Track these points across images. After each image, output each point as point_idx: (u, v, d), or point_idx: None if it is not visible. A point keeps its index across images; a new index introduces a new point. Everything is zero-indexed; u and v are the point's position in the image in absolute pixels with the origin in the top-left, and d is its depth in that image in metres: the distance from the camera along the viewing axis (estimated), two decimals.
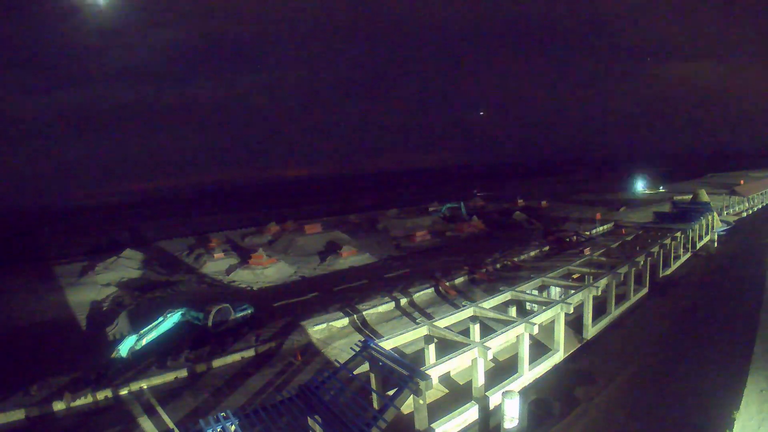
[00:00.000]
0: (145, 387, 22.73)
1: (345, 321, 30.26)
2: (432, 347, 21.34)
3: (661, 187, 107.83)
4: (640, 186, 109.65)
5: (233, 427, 14.18)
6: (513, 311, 26.13)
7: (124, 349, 24.56)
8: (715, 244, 49.66)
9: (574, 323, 26.94)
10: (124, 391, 22.22)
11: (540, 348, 24.24)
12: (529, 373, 21.42)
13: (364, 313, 31.46)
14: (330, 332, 28.75)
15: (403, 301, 34.04)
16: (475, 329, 23.33)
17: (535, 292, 27.71)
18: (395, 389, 16.04)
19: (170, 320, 27.05)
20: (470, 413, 18.43)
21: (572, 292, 25.33)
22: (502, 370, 22.52)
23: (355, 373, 18.13)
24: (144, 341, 25.45)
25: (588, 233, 57.96)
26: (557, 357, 23.56)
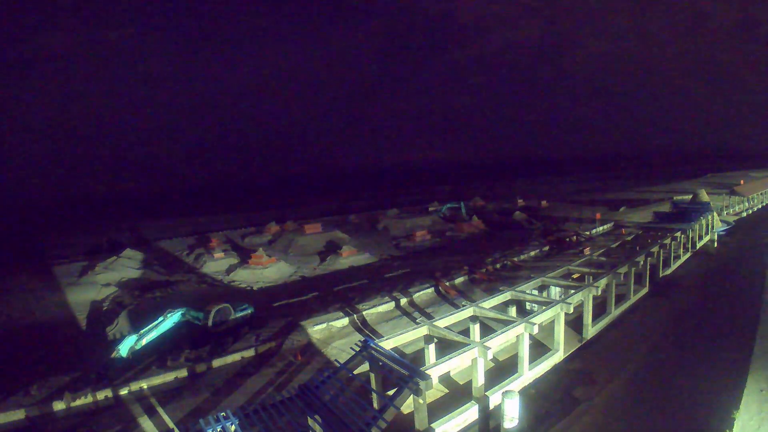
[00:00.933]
0: (145, 387, 22.73)
1: (345, 321, 30.27)
2: (432, 347, 21.34)
3: None
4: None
5: (233, 427, 14.19)
6: (513, 311, 26.14)
7: (124, 349, 24.54)
8: (715, 244, 49.67)
9: (574, 323, 26.96)
10: (124, 391, 22.21)
11: (540, 348, 24.27)
12: (529, 373, 21.43)
13: (364, 313, 31.46)
14: (330, 332, 28.75)
15: (403, 301, 34.04)
16: (475, 329, 23.32)
17: (535, 292, 27.71)
18: (395, 389, 16.04)
19: (170, 320, 27.02)
20: (470, 413, 18.43)
21: (572, 292, 25.34)
22: (502, 370, 22.53)
23: (355, 373, 18.12)
24: (144, 341, 25.43)
25: (588, 233, 57.95)
26: (557, 357, 23.57)
